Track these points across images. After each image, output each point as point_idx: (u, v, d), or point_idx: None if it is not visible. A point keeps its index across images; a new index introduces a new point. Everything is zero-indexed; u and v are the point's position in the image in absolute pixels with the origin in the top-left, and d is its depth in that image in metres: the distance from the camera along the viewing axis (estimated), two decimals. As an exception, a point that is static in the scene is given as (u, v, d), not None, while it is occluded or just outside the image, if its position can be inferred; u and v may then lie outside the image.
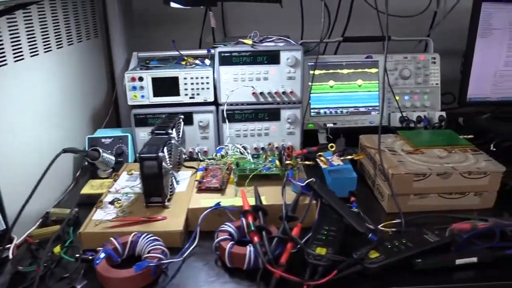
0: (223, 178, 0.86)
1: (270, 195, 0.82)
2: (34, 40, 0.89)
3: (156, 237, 0.72)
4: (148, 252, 0.69)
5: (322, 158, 0.89)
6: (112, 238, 0.71)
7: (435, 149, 0.93)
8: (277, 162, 0.86)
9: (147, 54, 1.16)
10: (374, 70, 1.21)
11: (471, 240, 0.74)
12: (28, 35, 0.86)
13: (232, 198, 0.82)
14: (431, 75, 1.22)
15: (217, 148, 1.01)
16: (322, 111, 1.20)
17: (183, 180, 0.92)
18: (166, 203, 0.82)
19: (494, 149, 1.13)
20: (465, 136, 1.00)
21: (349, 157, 0.92)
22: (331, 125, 1.17)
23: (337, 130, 1.18)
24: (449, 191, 0.84)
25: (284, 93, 1.05)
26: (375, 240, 0.72)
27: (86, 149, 1.03)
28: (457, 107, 1.32)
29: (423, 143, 0.95)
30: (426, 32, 1.35)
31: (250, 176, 0.85)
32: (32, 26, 0.87)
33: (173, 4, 1.04)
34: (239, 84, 1.05)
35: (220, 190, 0.84)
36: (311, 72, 1.19)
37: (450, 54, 1.29)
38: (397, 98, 1.20)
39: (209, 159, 0.97)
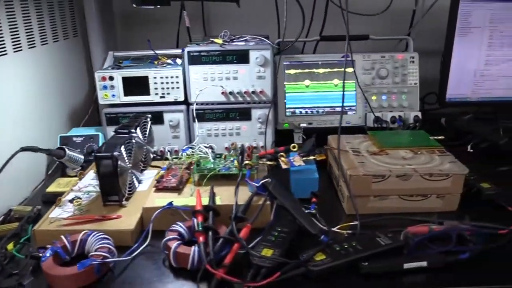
0: (182, 177, 0.86)
1: (227, 196, 0.81)
2: (2, 40, 0.90)
3: (105, 236, 0.72)
4: (95, 250, 0.70)
5: (282, 158, 0.88)
6: (62, 236, 0.72)
7: (401, 150, 0.91)
8: (236, 162, 0.85)
9: (123, 54, 1.17)
10: (350, 70, 1.19)
11: (426, 244, 0.72)
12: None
13: (188, 197, 0.82)
14: (409, 75, 1.19)
15: (183, 148, 1.01)
16: (297, 110, 1.19)
17: (148, 179, 0.93)
18: (124, 202, 0.82)
19: (471, 151, 1.11)
20: (436, 137, 0.98)
21: (312, 157, 0.90)
22: (305, 125, 1.16)
23: (314, 130, 1.17)
24: (410, 193, 0.83)
25: (254, 92, 1.05)
26: (325, 242, 0.71)
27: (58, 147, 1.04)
28: (440, 108, 1.30)
29: (390, 144, 0.94)
30: (408, 31, 1.33)
31: (208, 176, 0.84)
32: (-1, 25, 0.89)
33: (133, 4, 1.05)
34: (209, 83, 1.05)
35: (178, 189, 0.84)
36: (286, 71, 1.18)
37: (433, 53, 1.27)
38: (374, 98, 1.19)
39: (174, 158, 0.96)
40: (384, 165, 0.84)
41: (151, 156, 1.01)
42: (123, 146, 0.83)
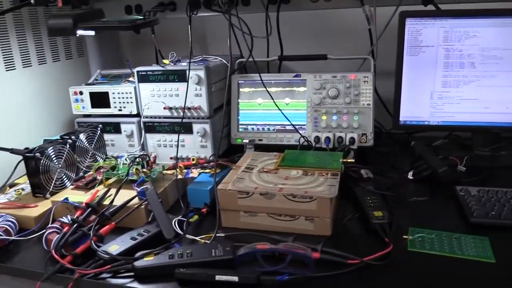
0: (94, 179, 1.00)
1: (122, 197, 0.92)
2: (11, 57, 1.17)
3: (11, 219, 0.90)
4: (-3, 230, 0.87)
5: (179, 169, 0.96)
6: (-17, 216, 0.92)
7: (294, 169, 0.92)
8: (134, 170, 0.96)
9: (108, 72, 1.37)
10: (302, 89, 1.20)
11: (258, 261, 0.73)
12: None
13: (90, 195, 0.95)
14: (362, 95, 1.15)
15: (119, 155, 1.14)
16: (250, 127, 1.25)
17: (88, 179, 1.09)
18: (47, 196, 0.99)
19: (412, 178, 1.03)
20: (346, 160, 0.95)
21: (207, 171, 0.97)
22: (247, 141, 1.21)
23: (267, 147, 1.21)
24: (276, 212, 0.83)
25: (189, 108, 1.14)
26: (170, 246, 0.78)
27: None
28: (413, 132, 1.22)
29: (288, 163, 0.94)
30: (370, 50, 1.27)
31: (114, 179, 0.97)
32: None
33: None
34: (155, 99, 1.17)
35: (86, 188, 0.98)
36: (241, 89, 1.24)
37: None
38: (324, 118, 1.18)
39: (104, 162, 1.10)
40: (258, 183, 0.86)
41: (101, 160, 1.17)
42: (51, 149, 1.00)
